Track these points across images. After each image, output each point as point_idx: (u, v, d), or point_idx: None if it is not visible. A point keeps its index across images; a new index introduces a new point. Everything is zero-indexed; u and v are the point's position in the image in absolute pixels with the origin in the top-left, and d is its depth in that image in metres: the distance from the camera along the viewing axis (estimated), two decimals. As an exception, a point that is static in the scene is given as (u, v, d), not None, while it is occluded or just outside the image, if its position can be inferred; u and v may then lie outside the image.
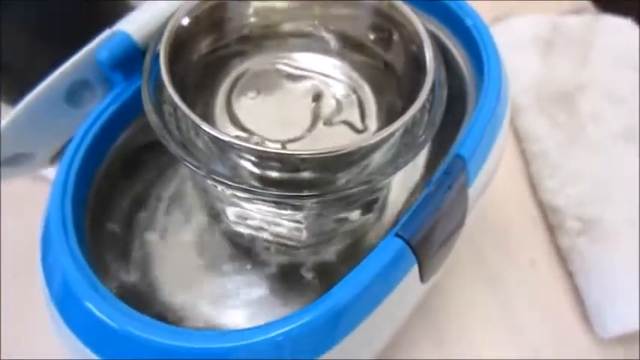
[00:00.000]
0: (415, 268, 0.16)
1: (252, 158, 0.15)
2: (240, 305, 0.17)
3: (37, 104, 0.17)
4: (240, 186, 0.14)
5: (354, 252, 0.20)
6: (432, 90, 0.16)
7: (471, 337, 0.25)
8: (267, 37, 0.18)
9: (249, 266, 0.18)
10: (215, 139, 0.14)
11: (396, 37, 0.18)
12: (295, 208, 0.16)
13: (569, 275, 0.26)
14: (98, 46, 0.17)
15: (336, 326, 0.15)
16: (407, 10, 0.17)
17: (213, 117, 0.17)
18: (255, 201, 0.16)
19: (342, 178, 0.16)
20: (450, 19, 0.20)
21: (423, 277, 0.17)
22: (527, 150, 0.29)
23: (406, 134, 0.16)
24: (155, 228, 0.17)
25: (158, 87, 0.15)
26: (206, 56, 0.17)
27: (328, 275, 0.19)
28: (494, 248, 0.27)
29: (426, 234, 0.16)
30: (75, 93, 0.18)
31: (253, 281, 0.18)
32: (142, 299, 0.16)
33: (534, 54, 0.31)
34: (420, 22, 0.16)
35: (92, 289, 0.14)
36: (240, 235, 0.18)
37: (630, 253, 0.25)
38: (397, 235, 0.15)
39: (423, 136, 0.16)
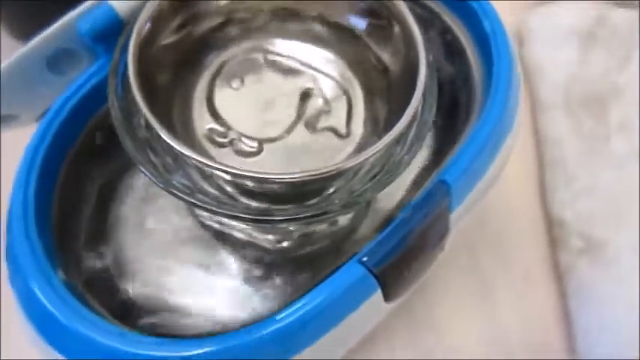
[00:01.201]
0: (379, 291, 0.16)
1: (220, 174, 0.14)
2: (208, 297, 0.17)
3: (17, 70, 0.17)
4: (200, 204, 0.13)
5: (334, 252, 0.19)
6: (420, 111, 0.15)
7: (449, 342, 0.24)
8: (254, 20, 0.17)
9: (222, 259, 0.18)
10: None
11: (396, 32, 0.16)
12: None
13: (562, 294, 0.25)
14: (80, 16, 0.16)
15: (287, 344, 0.15)
16: (405, 10, 0.15)
17: (192, 106, 0.16)
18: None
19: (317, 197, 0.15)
20: (469, 19, 0.18)
21: (388, 300, 0.16)
22: (545, 154, 0.27)
23: (389, 151, 0.15)
24: (129, 214, 0.17)
25: (126, 82, 0.14)
26: (182, 40, 0.16)
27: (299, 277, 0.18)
28: (490, 254, 0.26)
29: (394, 262, 0.15)
30: (58, 60, 0.17)
31: (223, 275, 0.17)
32: (114, 288, 0.16)
33: (572, 48, 0.28)
34: (417, 29, 0.15)
35: (46, 282, 0.14)
36: (211, 228, 0.17)
37: (629, 284, 0.23)
38: (360, 261, 0.15)
39: (406, 156, 0.15)
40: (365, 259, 0.15)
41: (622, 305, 0.23)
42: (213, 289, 0.16)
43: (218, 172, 0.13)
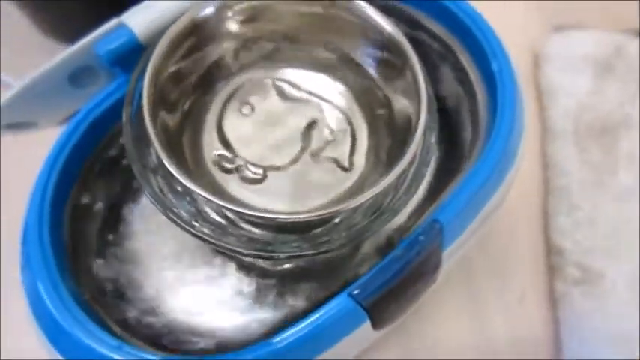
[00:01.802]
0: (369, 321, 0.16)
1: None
2: (209, 314, 0.18)
3: (39, 85, 0.17)
4: (199, 235, 0.14)
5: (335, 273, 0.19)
6: (420, 153, 0.16)
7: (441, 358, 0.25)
8: (266, 47, 0.18)
9: (224, 277, 0.18)
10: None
11: (402, 71, 0.17)
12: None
13: (555, 320, 0.25)
14: (100, 38, 0.17)
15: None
16: (412, 56, 0.16)
17: (202, 131, 0.17)
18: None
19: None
20: (479, 58, 0.19)
21: (376, 328, 0.17)
22: (551, 180, 0.27)
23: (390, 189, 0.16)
24: (138, 228, 0.18)
25: (140, 112, 0.15)
26: (196, 65, 0.17)
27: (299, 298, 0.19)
28: (487, 274, 0.27)
29: (384, 296, 0.16)
30: (78, 76, 0.18)
31: (224, 292, 0.18)
32: (120, 299, 0.17)
33: (588, 75, 0.28)
34: (422, 76, 0.15)
35: (53, 289, 0.15)
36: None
37: (622, 319, 0.24)
38: (350, 295, 0.15)
39: (404, 197, 0.16)
40: (356, 292, 0.15)
41: (613, 339, 0.24)
42: (214, 307, 0.17)
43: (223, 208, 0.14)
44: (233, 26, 0.17)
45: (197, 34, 0.16)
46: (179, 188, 0.15)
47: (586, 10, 0.30)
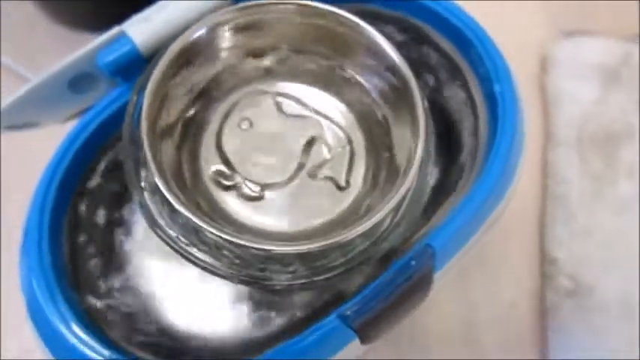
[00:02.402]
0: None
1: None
2: (204, 327, 0.18)
3: (40, 91, 0.18)
4: (191, 259, 0.14)
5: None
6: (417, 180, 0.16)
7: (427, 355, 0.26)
8: (269, 60, 0.18)
9: (220, 290, 0.18)
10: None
11: (407, 102, 0.16)
12: None
13: (544, 328, 0.26)
14: (101, 47, 0.17)
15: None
16: (412, 84, 0.16)
17: (201, 145, 0.17)
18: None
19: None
20: (483, 80, 0.19)
21: (365, 344, 0.17)
22: (550, 189, 0.27)
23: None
24: (137, 239, 0.18)
25: (139, 131, 0.15)
26: (198, 76, 0.17)
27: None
28: (480, 280, 0.27)
29: (373, 317, 0.16)
30: (78, 82, 0.18)
31: (220, 305, 0.18)
32: (118, 310, 0.17)
33: (595, 84, 0.28)
34: (422, 110, 0.15)
35: (50, 296, 0.16)
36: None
37: (609, 334, 0.24)
38: (339, 316, 0.16)
39: (395, 228, 0.16)
40: (345, 314, 0.16)
41: (598, 353, 0.24)
42: (208, 320, 0.17)
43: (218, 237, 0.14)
44: (230, 42, 0.17)
45: (194, 53, 0.16)
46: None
47: (597, 15, 0.29)
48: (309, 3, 0.16)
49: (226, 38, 0.17)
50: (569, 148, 0.27)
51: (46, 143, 0.18)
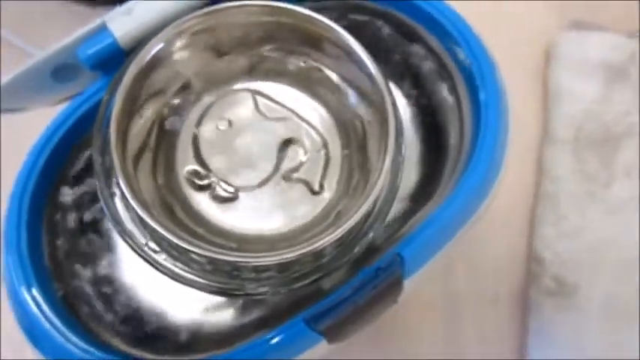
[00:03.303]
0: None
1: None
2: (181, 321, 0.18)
3: (23, 81, 0.18)
4: (160, 268, 0.15)
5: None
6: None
7: (409, 352, 0.26)
8: (249, 59, 0.18)
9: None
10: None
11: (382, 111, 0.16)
12: None
13: (524, 326, 0.26)
14: (83, 39, 0.17)
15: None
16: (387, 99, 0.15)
17: (177, 144, 0.17)
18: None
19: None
20: (470, 86, 0.18)
21: (332, 343, 0.18)
22: (542, 186, 0.27)
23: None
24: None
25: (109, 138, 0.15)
26: (175, 73, 0.17)
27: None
28: (465, 273, 0.27)
29: (340, 321, 0.16)
30: (61, 73, 0.18)
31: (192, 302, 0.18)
32: (96, 303, 0.18)
33: (598, 82, 0.27)
34: (394, 127, 0.15)
35: (27, 289, 0.16)
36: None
37: (589, 336, 0.24)
38: (305, 321, 0.16)
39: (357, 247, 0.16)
40: (311, 319, 0.16)
41: (578, 355, 0.24)
42: (181, 310, 0.18)
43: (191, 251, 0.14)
44: (198, 44, 0.17)
45: (163, 57, 0.16)
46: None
47: (607, 8, 0.28)
48: (274, 4, 0.16)
49: (193, 41, 0.17)
50: (566, 147, 0.27)
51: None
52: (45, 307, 0.16)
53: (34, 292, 0.16)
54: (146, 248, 0.15)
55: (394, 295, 0.17)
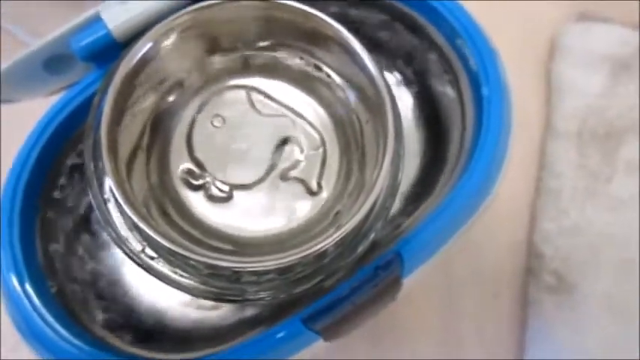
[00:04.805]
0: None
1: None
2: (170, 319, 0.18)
3: (16, 71, 0.17)
4: (156, 275, 0.14)
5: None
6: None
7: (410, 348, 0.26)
8: (246, 54, 0.17)
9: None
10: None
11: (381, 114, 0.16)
12: None
13: (523, 322, 0.26)
14: (76, 29, 0.17)
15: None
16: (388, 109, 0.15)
17: (171, 141, 0.17)
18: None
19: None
20: (472, 80, 0.18)
21: (329, 341, 0.18)
22: (543, 181, 0.27)
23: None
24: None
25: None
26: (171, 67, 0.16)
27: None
28: (465, 268, 0.27)
29: (337, 321, 0.16)
30: (54, 64, 0.18)
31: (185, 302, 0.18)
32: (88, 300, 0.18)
33: (603, 75, 0.27)
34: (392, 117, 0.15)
35: (21, 284, 0.16)
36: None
37: (588, 334, 0.24)
38: (302, 321, 0.16)
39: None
40: (308, 319, 0.16)
41: (574, 352, 0.24)
42: (175, 307, 0.18)
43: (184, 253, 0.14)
44: (191, 41, 0.16)
45: (155, 54, 0.16)
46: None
47: (614, 1, 0.28)
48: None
49: (184, 38, 0.16)
50: (569, 142, 0.26)
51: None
52: (38, 304, 0.16)
53: (27, 287, 0.16)
54: (142, 255, 0.15)
55: (393, 294, 0.17)
